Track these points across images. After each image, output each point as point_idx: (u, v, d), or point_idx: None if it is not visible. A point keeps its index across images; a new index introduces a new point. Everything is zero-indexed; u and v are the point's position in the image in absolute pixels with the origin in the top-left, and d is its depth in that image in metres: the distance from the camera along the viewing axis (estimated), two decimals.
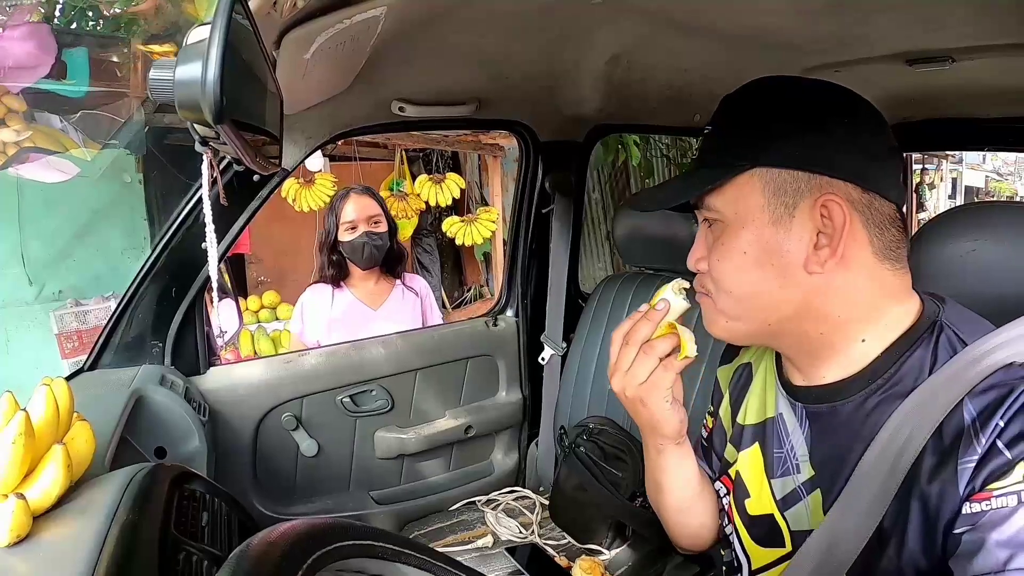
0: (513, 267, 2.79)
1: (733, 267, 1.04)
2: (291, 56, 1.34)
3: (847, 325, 1.03)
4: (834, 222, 0.97)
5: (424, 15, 1.55)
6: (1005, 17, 1.75)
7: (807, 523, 1.09)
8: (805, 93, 1.05)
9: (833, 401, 1.06)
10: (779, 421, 1.17)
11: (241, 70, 0.97)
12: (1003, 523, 0.82)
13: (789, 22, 1.79)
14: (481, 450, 2.78)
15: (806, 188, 0.99)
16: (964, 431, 0.88)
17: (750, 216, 1.01)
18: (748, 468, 1.22)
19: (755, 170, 1.01)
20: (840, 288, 1.01)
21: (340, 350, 2.45)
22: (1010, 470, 0.83)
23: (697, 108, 2.68)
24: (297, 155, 1.96)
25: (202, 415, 1.92)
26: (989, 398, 0.88)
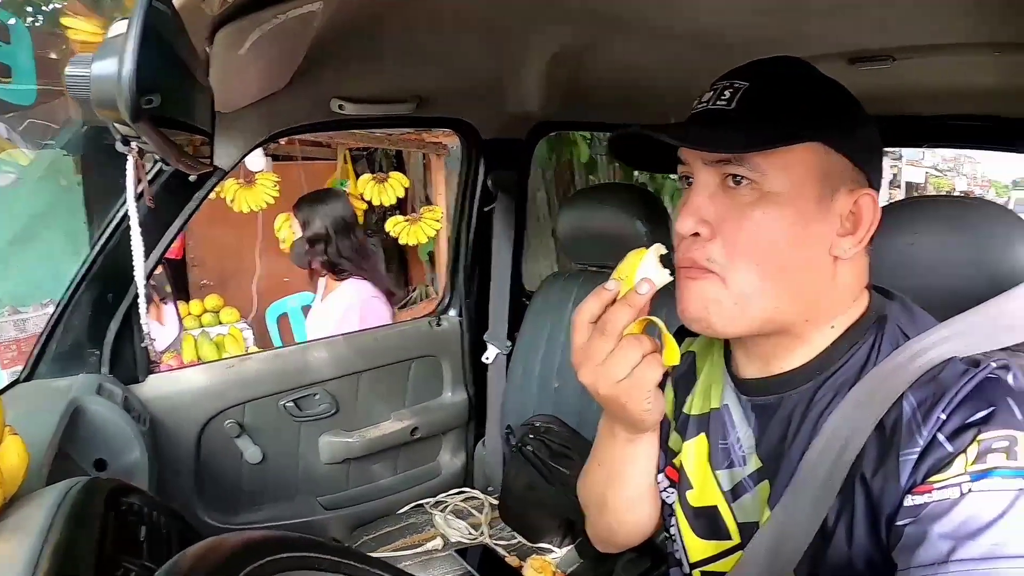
0: (456, 266, 2.78)
1: (772, 238, 0.97)
2: (225, 52, 1.30)
3: (828, 312, 1.03)
4: (863, 216, 0.99)
5: (363, 11, 1.52)
6: (947, 17, 1.78)
7: (755, 515, 1.08)
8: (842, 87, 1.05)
9: (780, 392, 1.05)
10: (725, 413, 1.15)
11: (163, 65, 0.93)
12: (945, 515, 0.82)
13: (733, 21, 1.79)
14: (428, 452, 2.75)
15: (848, 178, 0.99)
16: (905, 424, 0.89)
17: (800, 189, 0.96)
18: (692, 459, 1.20)
19: (816, 145, 0.96)
20: (840, 276, 1.01)
21: (283, 353, 2.43)
22: (951, 463, 0.84)
23: (640, 106, 2.69)
24: (235, 155, 1.91)
25: (142, 424, 1.86)
26: (929, 391, 0.90)
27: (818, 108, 0.99)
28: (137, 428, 1.80)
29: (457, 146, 2.69)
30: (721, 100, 1.00)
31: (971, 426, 0.85)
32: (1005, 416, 0.84)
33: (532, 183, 6.98)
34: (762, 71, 1.02)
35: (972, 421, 0.85)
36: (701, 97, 1.04)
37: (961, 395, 0.87)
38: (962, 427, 0.85)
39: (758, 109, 0.97)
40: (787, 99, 0.99)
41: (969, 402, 0.86)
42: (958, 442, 0.84)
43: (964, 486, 0.82)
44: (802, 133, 0.95)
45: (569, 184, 7.34)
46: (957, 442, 0.84)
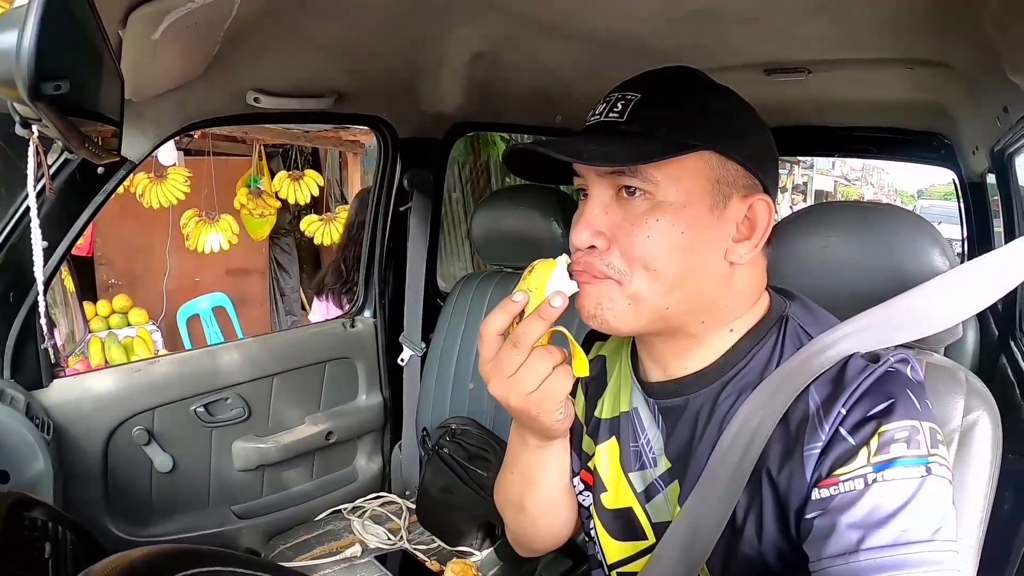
0: (370, 267, 2.74)
1: (667, 246, 0.97)
2: (138, 36, 1.25)
3: (725, 315, 1.05)
4: (758, 221, 1.01)
5: (281, 1, 1.48)
6: (862, 33, 1.83)
7: (667, 514, 1.10)
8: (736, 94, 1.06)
9: (685, 394, 1.07)
10: (634, 416, 1.16)
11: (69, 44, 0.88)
12: (852, 506, 0.86)
13: (654, 28, 1.81)
14: (344, 456, 2.70)
15: (741, 184, 1.00)
16: (808, 419, 0.93)
17: (693, 197, 0.97)
18: (605, 462, 1.21)
19: (706, 154, 0.97)
20: (736, 279, 1.03)
21: (193, 356, 2.35)
22: (854, 455, 0.88)
23: (559, 109, 2.70)
24: (145, 146, 1.83)
25: (46, 433, 1.78)
26: (832, 387, 0.94)
27: (708, 116, 1.00)
28: (40, 436, 1.73)
29: (374, 145, 2.66)
30: (613, 112, 1.01)
31: (872, 419, 0.88)
32: (905, 407, 0.88)
33: (448, 183, 7.01)
34: (653, 81, 1.04)
35: (873, 414, 0.89)
36: (595, 109, 1.05)
37: (861, 389, 0.91)
38: (863, 420, 0.89)
39: (648, 120, 0.98)
40: (677, 109, 1.00)
41: (869, 396, 0.90)
42: (860, 435, 0.88)
43: (868, 477, 0.86)
44: (692, 142, 0.96)
45: (486, 185, 7.34)
46: (859, 435, 0.88)
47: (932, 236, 1.23)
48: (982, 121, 2.48)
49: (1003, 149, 2.54)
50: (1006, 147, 2.51)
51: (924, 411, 0.90)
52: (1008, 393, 2.26)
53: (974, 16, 1.49)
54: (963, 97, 2.37)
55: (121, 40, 1.26)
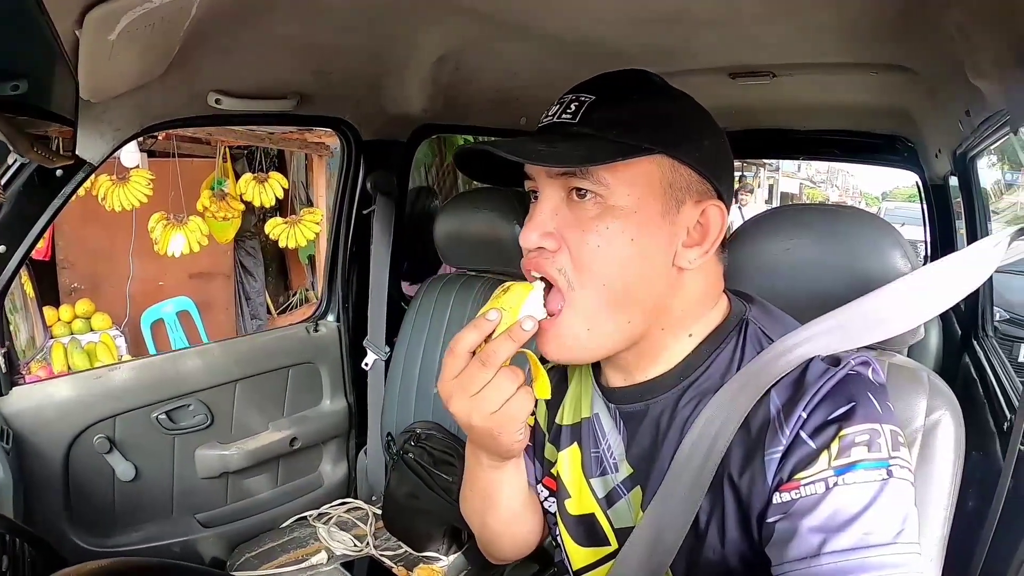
0: (333, 270, 2.72)
1: (617, 255, 0.97)
2: (95, 36, 1.21)
3: (682, 321, 1.04)
4: (711, 226, 1.01)
5: (243, 1, 1.46)
6: (826, 38, 1.84)
7: (630, 520, 1.10)
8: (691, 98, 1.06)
9: (645, 400, 1.07)
10: (595, 421, 1.16)
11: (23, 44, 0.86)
12: (813, 510, 0.86)
13: (620, 31, 1.81)
14: (308, 462, 2.68)
15: (694, 189, 1.00)
16: (769, 423, 0.93)
17: (644, 203, 0.97)
18: (568, 468, 1.21)
19: (659, 158, 0.97)
20: (688, 285, 1.02)
21: (154, 363, 2.32)
22: (815, 459, 0.88)
23: (523, 111, 2.69)
24: (104, 148, 1.77)
25: (5, 442, 1.76)
26: (792, 390, 0.94)
27: (662, 120, 0.99)
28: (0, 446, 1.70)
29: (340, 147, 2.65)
30: (567, 114, 1.00)
31: (832, 422, 0.89)
32: (866, 410, 0.89)
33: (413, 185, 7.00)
34: (607, 83, 1.03)
35: (833, 417, 0.89)
36: (548, 111, 1.04)
37: (822, 393, 0.91)
38: (824, 424, 0.89)
39: (601, 122, 0.98)
40: (631, 111, 0.99)
41: (830, 399, 0.90)
42: (821, 438, 0.88)
43: (829, 480, 0.86)
44: (645, 145, 0.96)
45: (451, 187, 7.33)
46: (820, 438, 0.88)
47: (894, 238, 1.25)
48: (945, 124, 2.51)
49: (965, 152, 2.57)
50: (968, 150, 2.54)
51: (885, 413, 0.90)
52: (971, 392, 2.28)
53: (937, 21, 1.50)
54: (926, 101, 2.39)
55: (78, 40, 1.23)
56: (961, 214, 3.16)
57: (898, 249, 1.23)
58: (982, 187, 3.14)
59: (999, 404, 2.02)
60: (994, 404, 2.08)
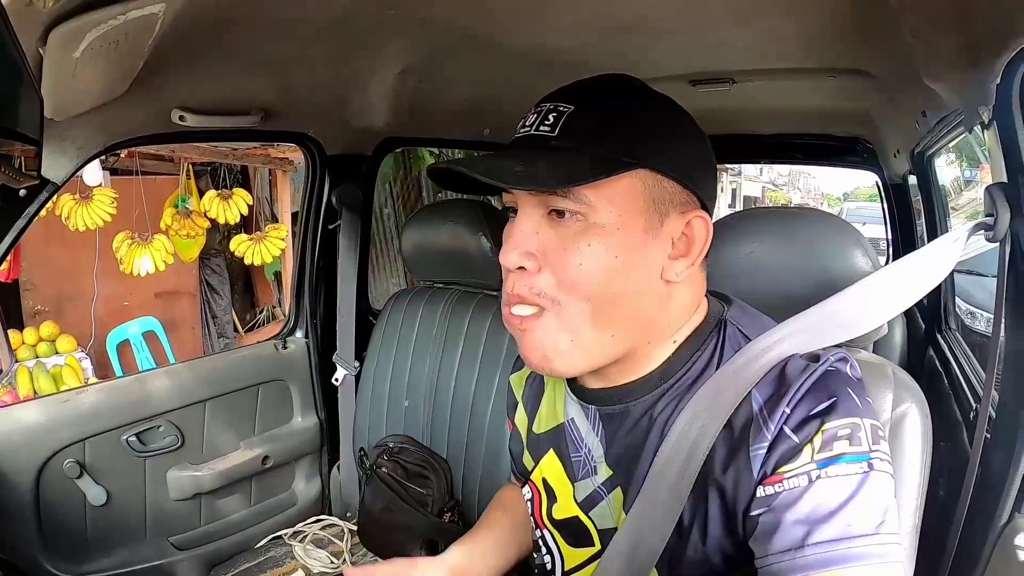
0: (300, 286, 2.71)
1: (601, 273, 0.94)
2: (58, 54, 1.21)
3: (666, 330, 1.04)
4: (696, 238, 0.99)
5: (207, 17, 1.45)
6: (783, 44, 1.87)
7: (612, 521, 1.10)
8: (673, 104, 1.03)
9: (625, 401, 1.07)
10: (571, 426, 1.17)
11: None
12: (796, 502, 0.87)
13: (581, 41, 1.83)
14: (282, 480, 2.66)
15: (677, 200, 0.98)
16: (752, 420, 0.93)
17: (627, 218, 0.94)
18: (551, 474, 1.21)
19: (641, 172, 0.94)
20: (675, 296, 1.02)
21: (122, 384, 2.29)
22: (798, 453, 0.88)
23: (488, 123, 2.70)
24: (68, 167, 1.75)
25: None
26: (774, 387, 0.94)
27: (644, 132, 0.97)
28: None
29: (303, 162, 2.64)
30: (545, 125, 0.97)
31: (815, 417, 0.89)
32: (846, 405, 0.90)
33: (379, 199, 6.99)
34: (587, 91, 1.00)
35: (816, 412, 0.90)
36: (526, 119, 1.01)
37: (804, 389, 0.91)
38: (807, 419, 0.89)
39: (580, 135, 0.95)
40: (610, 123, 0.96)
41: (811, 395, 0.91)
42: (804, 433, 0.89)
43: (813, 473, 0.87)
44: (626, 160, 0.93)
45: (416, 199, 7.33)
46: (803, 433, 0.89)
47: (854, 239, 1.27)
48: (902, 125, 2.55)
49: (923, 151, 2.61)
50: (925, 149, 2.58)
51: (865, 408, 0.91)
52: (936, 384, 2.31)
53: (892, 25, 1.52)
54: (883, 103, 2.43)
55: (41, 58, 1.23)
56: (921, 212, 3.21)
57: (859, 249, 1.26)
58: (942, 185, 3.19)
59: (964, 395, 2.04)
60: (960, 395, 2.11)
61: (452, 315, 2.32)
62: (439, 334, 2.33)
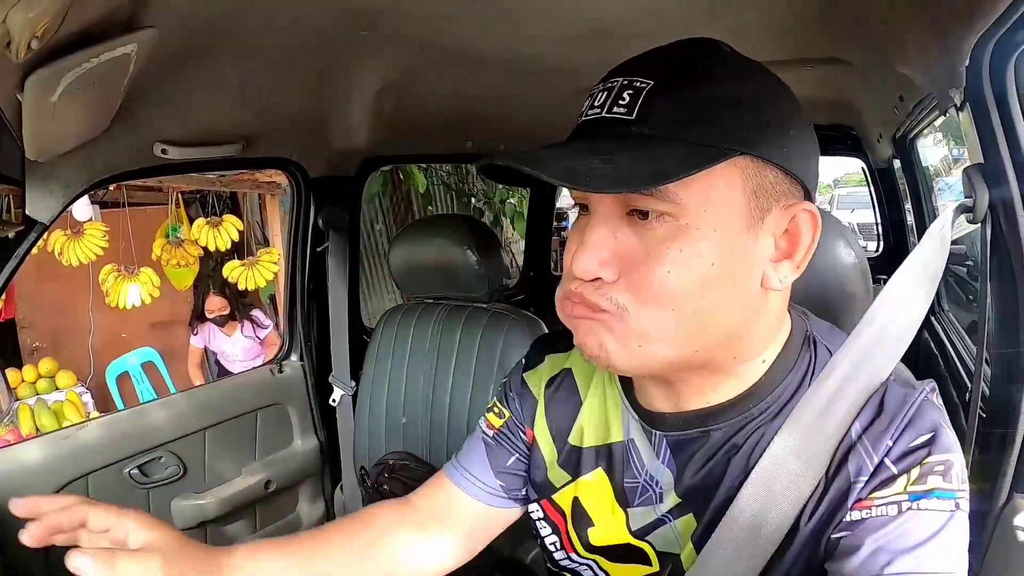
0: (292, 310, 2.70)
1: (693, 282, 0.80)
2: (36, 99, 1.21)
3: (757, 345, 0.90)
4: (802, 235, 0.84)
5: (180, 52, 1.46)
6: (756, 37, 1.87)
7: (676, 547, 1.00)
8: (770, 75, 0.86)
9: (704, 427, 0.93)
10: (630, 448, 1.02)
11: None
12: (881, 529, 0.81)
13: (556, 49, 1.83)
14: (286, 504, 2.66)
15: (780, 192, 0.83)
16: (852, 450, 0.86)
17: (725, 217, 0.80)
18: (591, 495, 1.08)
19: (742, 160, 0.79)
20: (770, 306, 0.88)
21: (120, 418, 2.27)
22: (893, 481, 0.83)
23: (469, 135, 2.71)
24: (54, 207, 1.76)
25: None
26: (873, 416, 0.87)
27: (742, 109, 0.81)
28: None
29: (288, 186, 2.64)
30: (619, 106, 0.81)
31: (916, 449, 0.84)
32: (944, 440, 0.85)
33: (370, 215, 6.99)
34: (669, 62, 0.84)
35: (916, 444, 0.84)
36: (594, 99, 0.85)
37: (906, 420, 0.85)
38: (908, 451, 0.84)
39: (666, 118, 0.79)
40: (702, 101, 0.80)
41: (913, 426, 0.85)
42: (903, 464, 0.83)
43: (904, 504, 0.82)
44: (725, 147, 0.78)
45: (407, 213, 7.33)
46: (902, 464, 0.83)
47: (837, 228, 1.24)
48: (882, 111, 2.56)
49: (904, 135, 2.63)
50: (907, 133, 2.60)
51: (956, 444, 0.86)
52: (933, 367, 2.32)
53: (862, 13, 1.53)
54: (862, 90, 2.44)
55: (20, 103, 1.23)
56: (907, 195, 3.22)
57: (841, 239, 1.21)
58: (927, 166, 3.21)
59: (960, 378, 2.05)
60: (956, 378, 2.11)
61: (443, 329, 2.33)
62: (432, 349, 2.33)
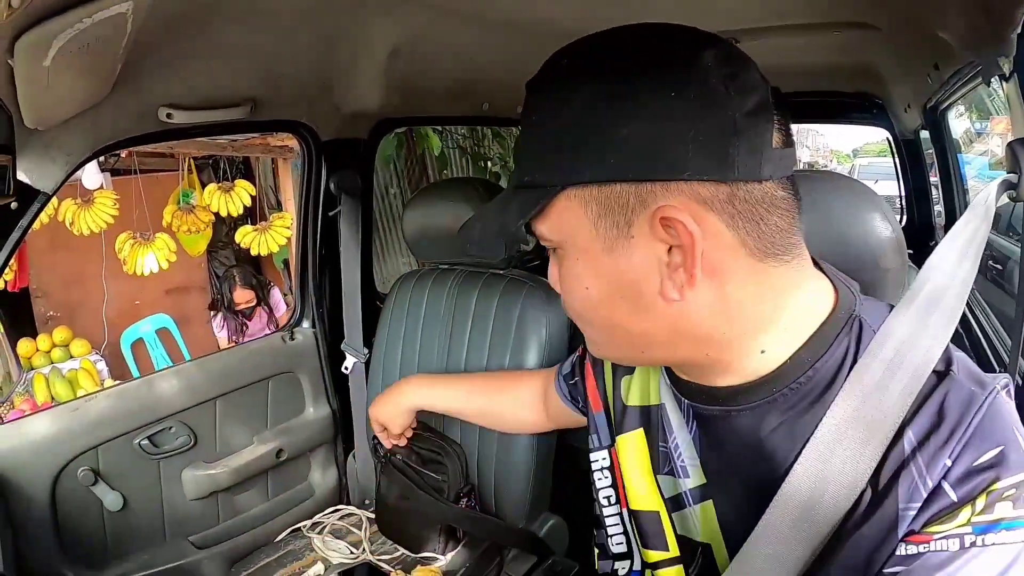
0: (304, 276, 2.67)
1: (580, 300, 0.86)
2: (27, 64, 1.17)
3: (737, 341, 0.85)
4: (681, 239, 0.77)
5: (182, 11, 1.43)
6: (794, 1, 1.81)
7: (696, 533, 1.00)
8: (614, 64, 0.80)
9: (727, 406, 0.91)
10: (662, 412, 1.04)
11: None
12: (940, 569, 0.75)
13: (573, 10, 1.80)
14: (298, 472, 2.65)
15: (636, 201, 0.77)
16: (904, 467, 0.79)
17: (580, 246, 0.82)
18: (631, 455, 1.10)
19: (569, 191, 0.80)
20: (714, 307, 0.81)
21: (130, 388, 2.25)
22: (955, 513, 0.76)
23: (484, 97, 2.67)
24: (58, 175, 1.72)
25: None
26: (931, 422, 0.79)
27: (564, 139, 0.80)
28: None
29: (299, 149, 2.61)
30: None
31: (980, 471, 0.76)
32: (1017, 456, 0.77)
33: (384, 179, 6.95)
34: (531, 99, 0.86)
35: (981, 465, 0.76)
36: None
37: (970, 432, 0.77)
38: (970, 472, 0.76)
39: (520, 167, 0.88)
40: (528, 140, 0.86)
41: (978, 441, 0.77)
42: (965, 490, 0.76)
43: (967, 539, 0.75)
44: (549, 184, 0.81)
45: (421, 176, 7.29)
46: (964, 489, 0.76)
47: (872, 200, 1.18)
48: (913, 79, 2.51)
49: (935, 105, 2.57)
50: (938, 103, 2.54)
51: None
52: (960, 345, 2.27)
53: None
54: (892, 57, 2.39)
55: (12, 69, 1.19)
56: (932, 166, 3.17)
57: (877, 211, 1.16)
58: (955, 138, 3.15)
59: (986, 356, 2.00)
60: (981, 356, 2.07)
61: (459, 295, 2.29)
62: (447, 315, 2.30)
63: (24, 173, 1.61)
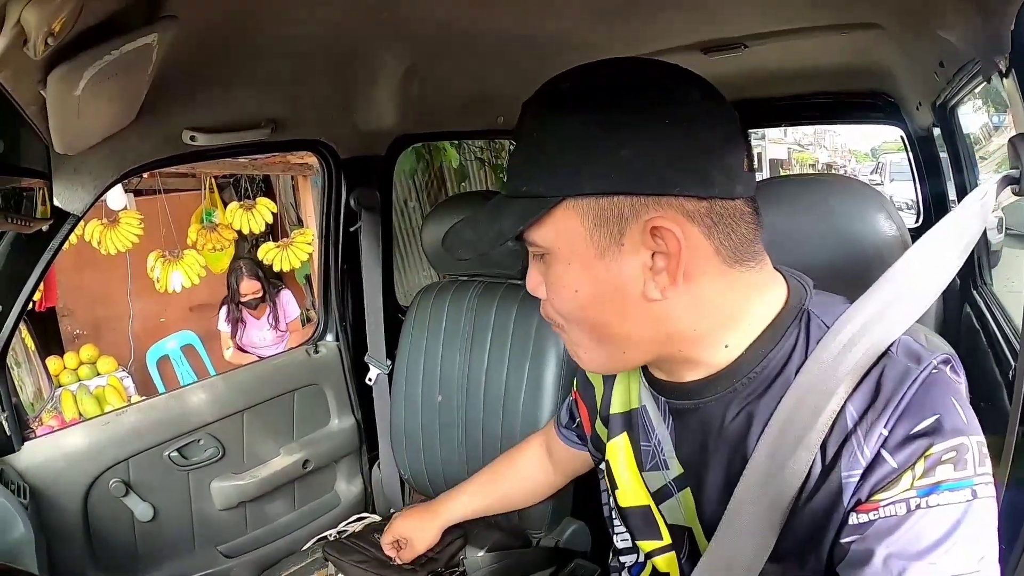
0: (327, 290, 2.71)
1: (568, 303, 0.94)
2: (60, 95, 1.22)
3: (706, 337, 0.94)
4: (668, 246, 0.86)
5: (205, 39, 1.47)
6: (790, 3, 1.83)
7: (682, 519, 1.09)
8: (613, 93, 0.89)
9: (695, 399, 1.00)
10: (643, 413, 1.12)
11: None
12: (891, 533, 0.81)
13: (584, 23, 1.82)
14: (324, 482, 2.68)
15: (630, 212, 0.86)
16: (847, 440, 0.86)
17: (574, 252, 0.90)
18: (617, 458, 1.19)
19: (568, 201, 0.87)
20: (689, 307, 0.91)
21: (160, 402, 2.31)
22: (897, 479, 0.82)
23: (499, 110, 2.69)
24: (86, 198, 1.78)
25: (22, 497, 1.76)
26: (870, 398, 0.86)
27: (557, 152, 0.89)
28: (17, 501, 1.71)
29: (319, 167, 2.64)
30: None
31: (917, 437, 0.82)
32: (952, 422, 0.82)
33: (403, 193, 6.98)
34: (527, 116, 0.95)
35: (918, 431, 0.82)
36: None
37: (904, 402, 0.83)
38: (907, 439, 0.82)
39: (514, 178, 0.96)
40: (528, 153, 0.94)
41: (913, 410, 0.83)
42: (904, 455, 0.82)
43: (911, 502, 0.81)
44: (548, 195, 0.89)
45: (440, 190, 7.32)
46: (903, 455, 0.82)
47: (877, 201, 1.21)
48: (921, 77, 2.52)
49: (945, 103, 2.57)
50: (947, 100, 2.55)
51: (971, 423, 0.84)
52: (975, 342, 2.28)
53: None
54: (899, 55, 2.40)
55: (44, 99, 1.24)
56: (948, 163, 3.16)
57: (882, 212, 1.20)
58: (967, 134, 3.14)
59: (1003, 353, 2.01)
60: (998, 353, 2.07)
61: (479, 307, 2.31)
62: (467, 327, 2.32)
63: (55, 197, 1.66)
